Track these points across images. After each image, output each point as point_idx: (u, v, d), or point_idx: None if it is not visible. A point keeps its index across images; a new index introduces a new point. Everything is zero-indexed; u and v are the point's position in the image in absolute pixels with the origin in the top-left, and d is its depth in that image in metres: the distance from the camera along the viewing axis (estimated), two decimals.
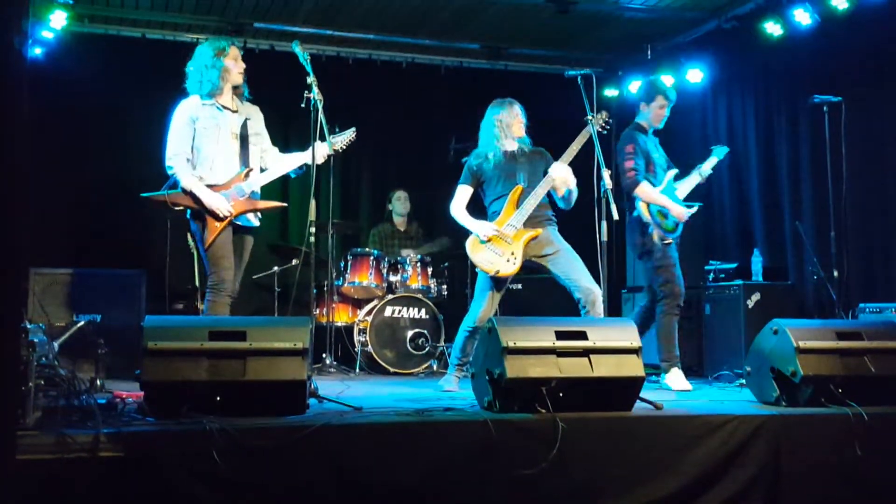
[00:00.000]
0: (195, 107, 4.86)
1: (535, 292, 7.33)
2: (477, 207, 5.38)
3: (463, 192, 5.33)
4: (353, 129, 5.12)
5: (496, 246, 5.07)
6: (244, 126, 4.97)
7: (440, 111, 8.41)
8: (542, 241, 5.10)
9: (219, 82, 4.86)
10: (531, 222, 5.10)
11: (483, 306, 5.14)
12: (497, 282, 5.13)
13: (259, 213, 5.01)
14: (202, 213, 4.78)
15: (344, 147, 5.08)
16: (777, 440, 3.72)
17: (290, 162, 5.01)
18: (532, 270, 5.27)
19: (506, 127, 5.28)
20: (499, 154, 5.25)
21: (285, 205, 5.92)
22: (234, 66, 4.91)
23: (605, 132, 5.15)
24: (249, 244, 5.04)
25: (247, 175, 4.88)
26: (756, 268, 6.66)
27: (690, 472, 3.59)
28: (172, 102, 4.87)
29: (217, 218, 4.76)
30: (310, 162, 4.87)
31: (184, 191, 4.75)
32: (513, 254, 5.04)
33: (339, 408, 3.75)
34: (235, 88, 4.97)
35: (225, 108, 4.91)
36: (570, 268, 5.01)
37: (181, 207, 4.79)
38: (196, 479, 3.05)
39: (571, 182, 5.11)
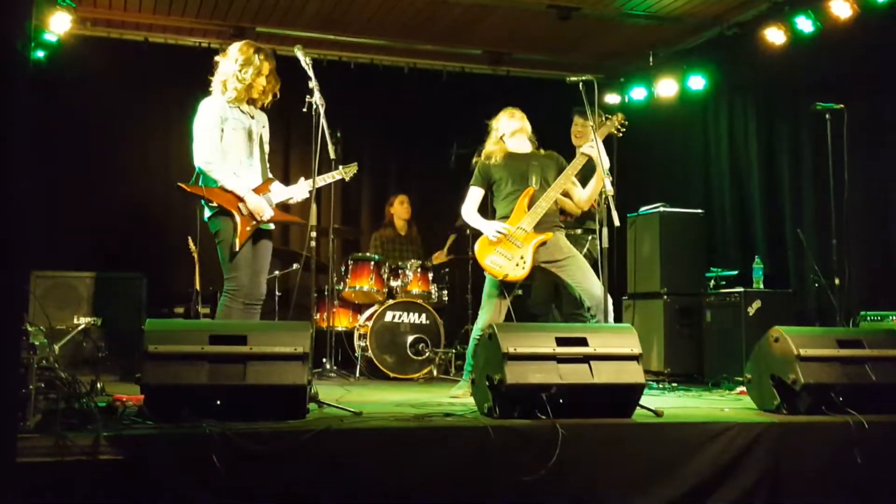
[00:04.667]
0: (223, 107, 4.71)
1: None
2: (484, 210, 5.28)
3: (474, 195, 5.21)
4: (356, 163, 5.29)
5: (505, 249, 4.91)
6: (261, 133, 4.89)
7: (442, 117, 8.41)
8: (552, 246, 4.96)
9: (263, 88, 4.78)
10: (541, 227, 4.97)
11: (490, 313, 5.00)
12: (505, 287, 4.99)
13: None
14: (231, 215, 4.63)
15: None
16: (777, 448, 3.71)
17: (304, 188, 4.94)
18: (533, 276, 5.20)
19: (507, 132, 5.20)
20: (506, 155, 5.15)
21: (303, 221, 5.90)
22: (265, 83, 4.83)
23: (622, 135, 5.15)
24: (269, 248, 4.88)
25: (270, 184, 4.81)
26: (757, 275, 6.65)
27: (691, 479, 3.58)
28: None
29: (253, 221, 4.65)
30: (328, 183, 4.97)
31: (224, 189, 4.63)
32: (522, 258, 4.88)
33: (339, 413, 3.75)
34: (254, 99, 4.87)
35: (245, 112, 4.79)
36: (581, 276, 4.90)
37: (215, 204, 4.63)
38: (195, 484, 3.05)
39: (605, 162, 4.87)
